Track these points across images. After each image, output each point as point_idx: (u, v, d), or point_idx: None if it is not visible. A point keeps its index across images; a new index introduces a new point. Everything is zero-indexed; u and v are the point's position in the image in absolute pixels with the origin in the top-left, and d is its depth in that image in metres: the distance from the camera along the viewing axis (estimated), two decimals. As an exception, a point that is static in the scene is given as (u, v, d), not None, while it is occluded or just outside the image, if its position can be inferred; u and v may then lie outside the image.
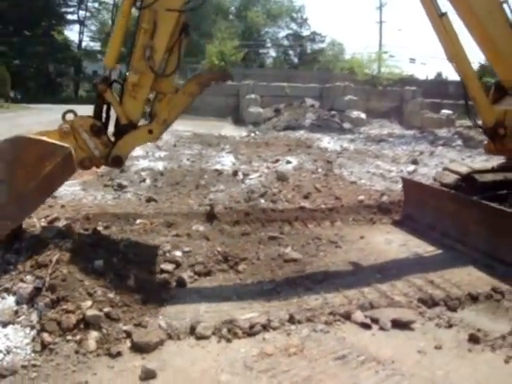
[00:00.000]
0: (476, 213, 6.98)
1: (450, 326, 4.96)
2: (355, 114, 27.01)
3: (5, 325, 4.52)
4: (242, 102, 28.03)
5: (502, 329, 4.87)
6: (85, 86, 61.15)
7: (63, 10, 61.81)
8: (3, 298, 4.88)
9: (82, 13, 63.94)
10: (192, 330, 4.66)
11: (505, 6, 7.26)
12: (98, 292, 4.93)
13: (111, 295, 4.96)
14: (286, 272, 6.16)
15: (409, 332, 4.85)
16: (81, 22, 63.49)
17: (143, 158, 13.35)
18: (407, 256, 6.98)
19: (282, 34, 71.38)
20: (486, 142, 8.25)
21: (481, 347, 4.59)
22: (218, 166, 12.64)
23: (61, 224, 7.32)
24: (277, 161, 13.60)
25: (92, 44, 67.88)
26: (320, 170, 12.41)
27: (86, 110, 6.37)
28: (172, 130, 20.49)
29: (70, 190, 9.76)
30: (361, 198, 9.83)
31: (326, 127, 23.99)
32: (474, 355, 4.47)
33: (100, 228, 7.19)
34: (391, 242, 7.53)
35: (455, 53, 7.36)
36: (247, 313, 5.05)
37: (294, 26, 70.60)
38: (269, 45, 68.63)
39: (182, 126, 22.20)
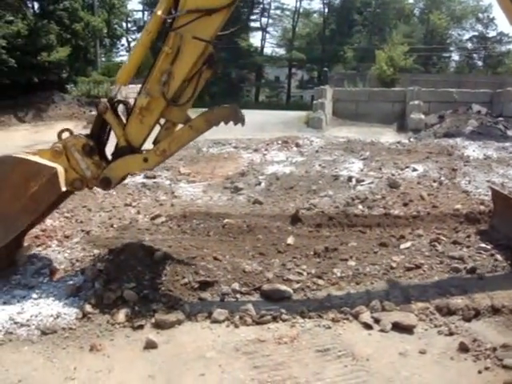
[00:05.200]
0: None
1: (451, 334, 5.08)
2: (524, 120, 25.70)
3: (68, 297, 5.75)
4: (406, 109, 27.87)
5: (501, 341, 4.85)
6: (266, 92, 63.45)
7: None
8: (76, 276, 6.19)
9: (264, 20, 66.70)
10: (209, 315, 5.40)
11: None
12: (146, 277, 5.92)
13: (158, 281, 5.91)
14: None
15: (406, 335, 5.09)
16: (263, 29, 66.31)
17: (278, 163, 14.06)
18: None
19: (466, 36, 68.84)
20: None
21: (466, 356, 4.69)
22: (344, 172, 12.92)
23: (161, 220, 8.53)
24: (406, 167, 13.81)
25: (277, 50, 69.94)
26: (443, 179, 12.42)
27: (259, 114, 6.93)
28: (328, 136, 21.17)
29: (191, 191, 10.98)
30: (457, 206, 9.67)
31: (487, 134, 22.91)
32: (452, 363, 4.61)
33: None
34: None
35: None
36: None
37: (479, 27, 67.27)
38: (452, 48, 66.63)
39: (342, 133, 22.59)
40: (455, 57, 70.06)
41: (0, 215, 5.79)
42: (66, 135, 6.07)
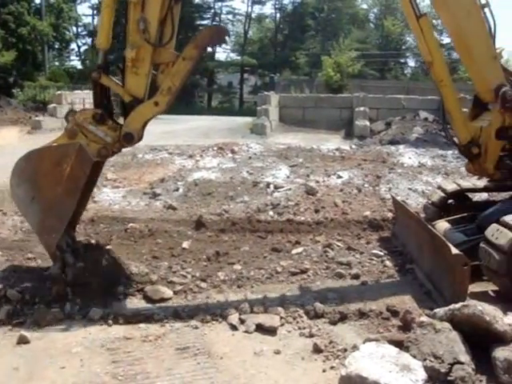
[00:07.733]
0: (426, 237, 6.94)
1: (311, 336, 5.34)
2: (466, 129, 26.19)
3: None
4: (353, 115, 28.13)
5: (357, 343, 5.08)
6: (218, 97, 63.56)
7: (198, 22, 63.22)
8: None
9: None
10: (86, 314, 5.69)
11: (486, 10, 6.84)
12: (33, 278, 6.21)
13: (46, 281, 6.15)
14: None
15: (268, 336, 5.37)
16: (215, 34, 65.86)
17: (207, 169, 14.17)
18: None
19: (422, 42, 69.62)
20: (466, 161, 7.82)
21: (317, 357, 4.97)
22: (269, 179, 13.10)
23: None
24: (334, 174, 13.98)
25: (231, 55, 69.63)
26: (366, 186, 12.69)
27: (207, 120, 7.05)
28: (270, 142, 21.22)
29: (112, 196, 11.21)
30: (366, 213, 10.01)
31: (432, 142, 23.23)
32: (302, 362, 4.89)
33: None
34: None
35: (431, 56, 7.06)
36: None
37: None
38: (408, 54, 67.31)
39: (287, 139, 22.70)
40: (411, 63, 70.87)
41: (47, 206, 6.00)
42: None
